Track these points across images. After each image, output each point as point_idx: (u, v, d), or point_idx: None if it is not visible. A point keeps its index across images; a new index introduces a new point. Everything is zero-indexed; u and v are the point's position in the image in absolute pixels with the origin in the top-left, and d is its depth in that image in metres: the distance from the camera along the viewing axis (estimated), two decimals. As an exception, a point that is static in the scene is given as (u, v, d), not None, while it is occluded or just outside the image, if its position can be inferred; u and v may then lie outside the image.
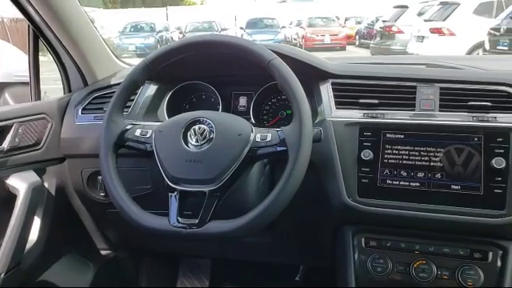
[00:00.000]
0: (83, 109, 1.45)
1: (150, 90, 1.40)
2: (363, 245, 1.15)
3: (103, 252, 1.71)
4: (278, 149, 0.98)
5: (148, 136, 1.08)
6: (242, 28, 17.29)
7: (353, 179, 1.11)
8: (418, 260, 1.10)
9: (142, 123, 1.13)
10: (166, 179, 1.01)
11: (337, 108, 1.18)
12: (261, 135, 1.01)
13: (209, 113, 1.07)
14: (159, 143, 1.05)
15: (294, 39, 16.78)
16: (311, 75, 1.23)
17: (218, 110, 1.38)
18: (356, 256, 1.15)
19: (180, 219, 0.97)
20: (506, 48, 6.45)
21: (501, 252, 1.06)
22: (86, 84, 1.54)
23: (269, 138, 1.00)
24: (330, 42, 15.22)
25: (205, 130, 1.02)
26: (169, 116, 1.37)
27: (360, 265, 1.14)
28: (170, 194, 1.00)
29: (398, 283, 1.11)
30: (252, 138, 1.00)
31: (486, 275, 1.06)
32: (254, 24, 17.26)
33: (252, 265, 1.85)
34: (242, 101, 1.42)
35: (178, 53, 1.09)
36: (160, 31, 17.31)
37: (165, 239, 1.34)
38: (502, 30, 6.63)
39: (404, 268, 1.11)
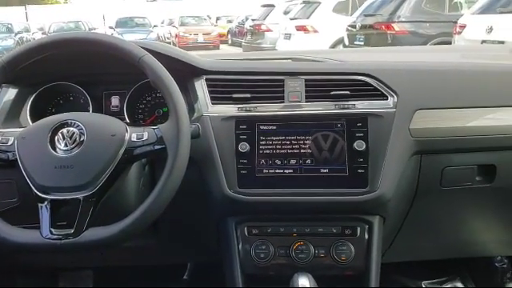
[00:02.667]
0: None
1: (10, 94, 1.28)
2: (246, 234, 1.18)
3: None
4: (156, 147, 0.97)
5: (10, 144, 0.99)
6: (111, 27, 16.61)
7: (232, 171, 1.14)
8: (297, 242, 1.16)
9: (2, 130, 1.04)
10: (34, 189, 0.94)
11: (213, 104, 1.20)
12: (137, 134, 0.98)
13: (77, 114, 1.02)
14: (23, 150, 0.97)
15: (167, 38, 16.58)
16: (185, 72, 1.23)
17: (88, 111, 1.31)
18: (240, 246, 1.18)
19: (53, 230, 0.91)
20: (362, 43, 7.11)
21: (367, 226, 1.17)
22: None
23: (145, 137, 0.98)
24: (204, 41, 15.37)
25: (74, 132, 0.96)
26: (33, 121, 1.26)
27: (244, 254, 1.17)
28: (39, 204, 0.93)
29: (280, 266, 1.17)
30: (127, 137, 0.97)
31: (357, 249, 1.16)
32: (124, 23, 16.72)
33: (138, 269, 1.80)
34: (115, 101, 1.36)
35: (38, 52, 1.01)
36: (19, 32, 15.88)
37: (40, 254, 1.25)
38: (357, 26, 7.30)
39: (285, 251, 1.16)
